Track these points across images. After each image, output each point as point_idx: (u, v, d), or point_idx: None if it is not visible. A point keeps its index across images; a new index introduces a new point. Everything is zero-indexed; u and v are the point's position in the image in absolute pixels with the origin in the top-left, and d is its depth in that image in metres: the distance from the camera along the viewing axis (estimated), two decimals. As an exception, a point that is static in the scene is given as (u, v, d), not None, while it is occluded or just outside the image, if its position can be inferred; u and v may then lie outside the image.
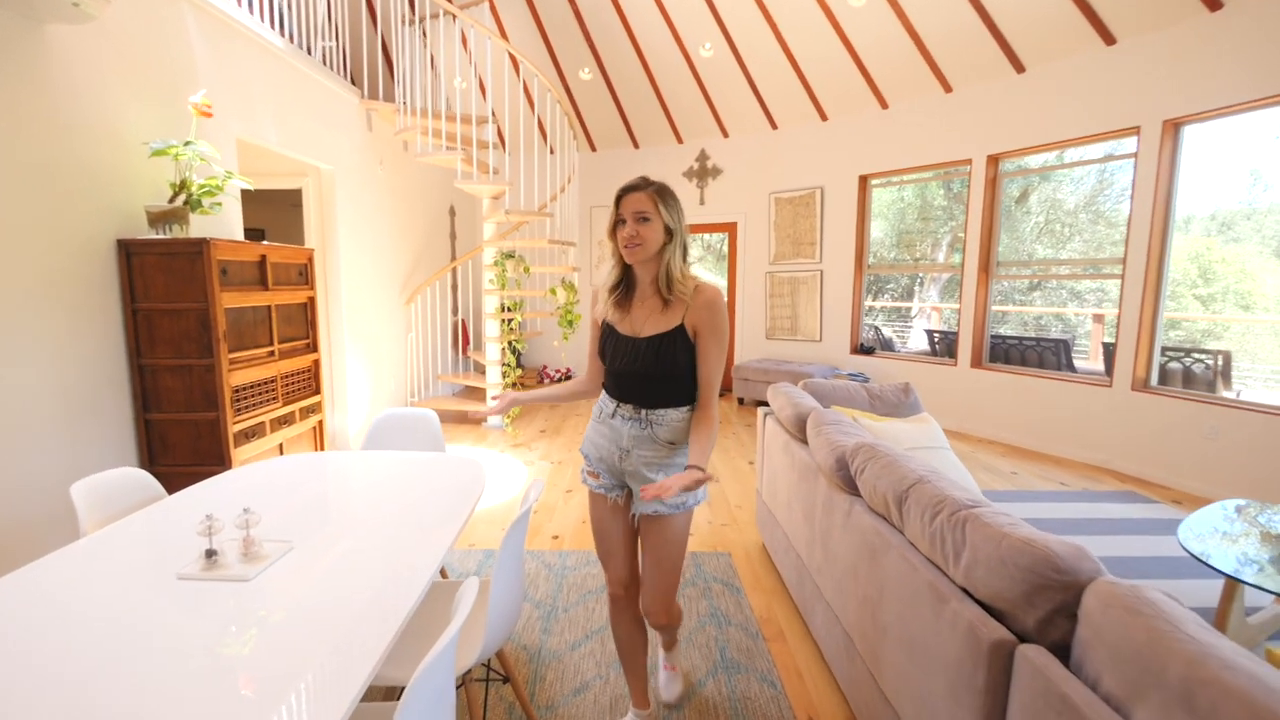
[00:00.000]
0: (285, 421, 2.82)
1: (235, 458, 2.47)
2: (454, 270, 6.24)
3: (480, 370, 5.89)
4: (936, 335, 6.29)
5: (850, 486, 1.83)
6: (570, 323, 4.86)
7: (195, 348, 2.41)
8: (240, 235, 3.09)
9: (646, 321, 1.48)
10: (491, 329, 5.09)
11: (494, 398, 2.14)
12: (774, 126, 6.48)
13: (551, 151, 6.76)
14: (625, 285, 1.53)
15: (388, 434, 2.31)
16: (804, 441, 2.37)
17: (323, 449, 3.15)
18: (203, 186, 2.45)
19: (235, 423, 2.48)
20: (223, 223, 2.95)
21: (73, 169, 2.23)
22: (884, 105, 5.75)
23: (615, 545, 1.62)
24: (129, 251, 2.38)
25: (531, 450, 4.59)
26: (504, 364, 4.93)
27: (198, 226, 2.75)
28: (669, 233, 1.44)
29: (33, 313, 2.12)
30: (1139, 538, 3.30)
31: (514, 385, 4.98)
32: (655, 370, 1.45)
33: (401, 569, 1.29)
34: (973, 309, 5.30)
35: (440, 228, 6.22)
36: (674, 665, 1.92)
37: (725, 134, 6.75)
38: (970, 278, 5.31)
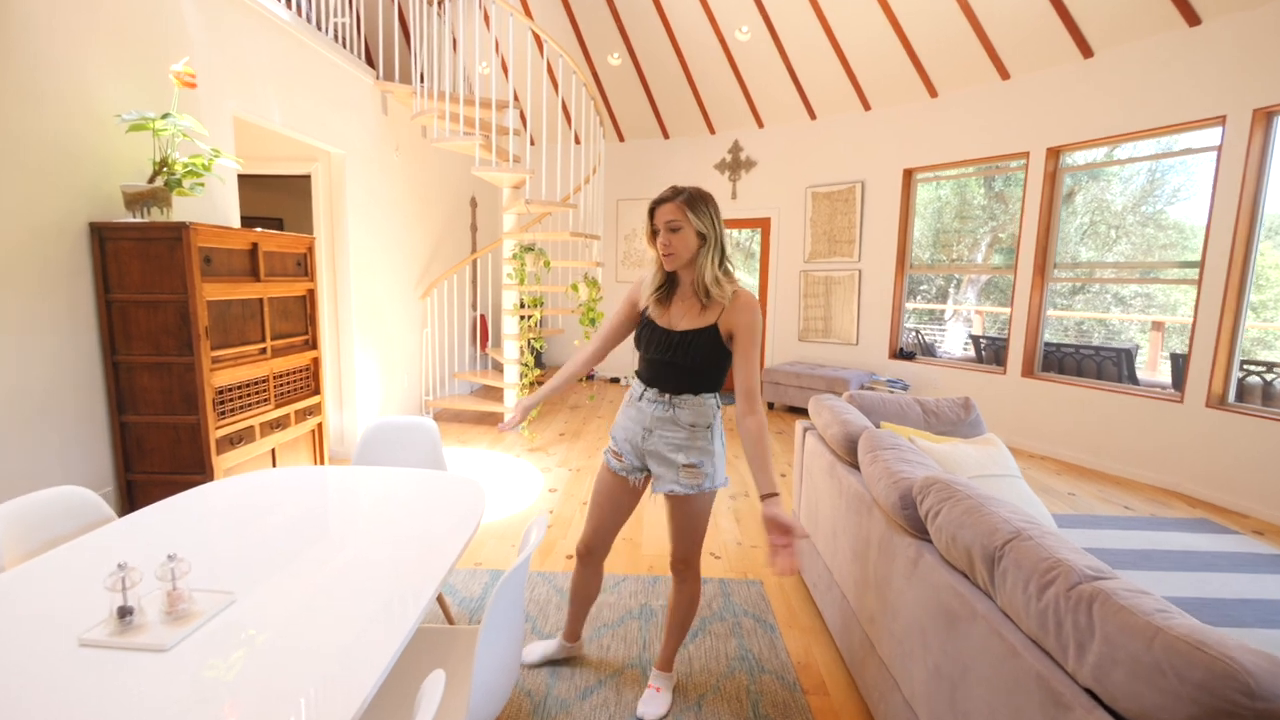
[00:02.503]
0: (278, 425, 2.60)
1: (218, 466, 2.25)
2: (474, 263, 6.02)
3: (498, 369, 5.66)
4: (983, 341, 5.86)
5: (917, 528, 1.51)
6: (592, 321, 4.58)
7: (174, 343, 2.19)
8: (236, 222, 2.88)
9: (683, 317, 1.59)
10: (510, 326, 4.84)
11: (510, 411, 2.02)
12: (812, 117, 6.11)
13: (577, 141, 6.49)
14: (668, 287, 1.63)
15: (380, 446, 2.06)
16: (853, 465, 2.05)
17: (322, 454, 2.93)
18: (186, 165, 2.23)
19: (218, 427, 2.26)
20: (215, 208, 2.74)
21: (41, 144, 2.02)
22: (933, 94, 5.34)
23: (607, 517, 1.78)
24: (102, 236, 2.17)
25: (549, 455, 4.34)
26: (522, 363, 4.68)
27: (185, 210, 2.54)
28: (701, 237, 1.52)
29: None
30: (1218, 575, 2.89)
31: (532, 386, 4.73)
32: (683, 360, 1.55)
33: (365, 633, 1.03)
34: (1025, 314, 4.88)
35: (460, 219, 6.00)
36: (660, 686, 1.82)
37: (760, 124, 6.40)
38: (1024, 280, 4.89)
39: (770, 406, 6.02)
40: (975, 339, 6.18)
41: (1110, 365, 5.02)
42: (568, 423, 5.28)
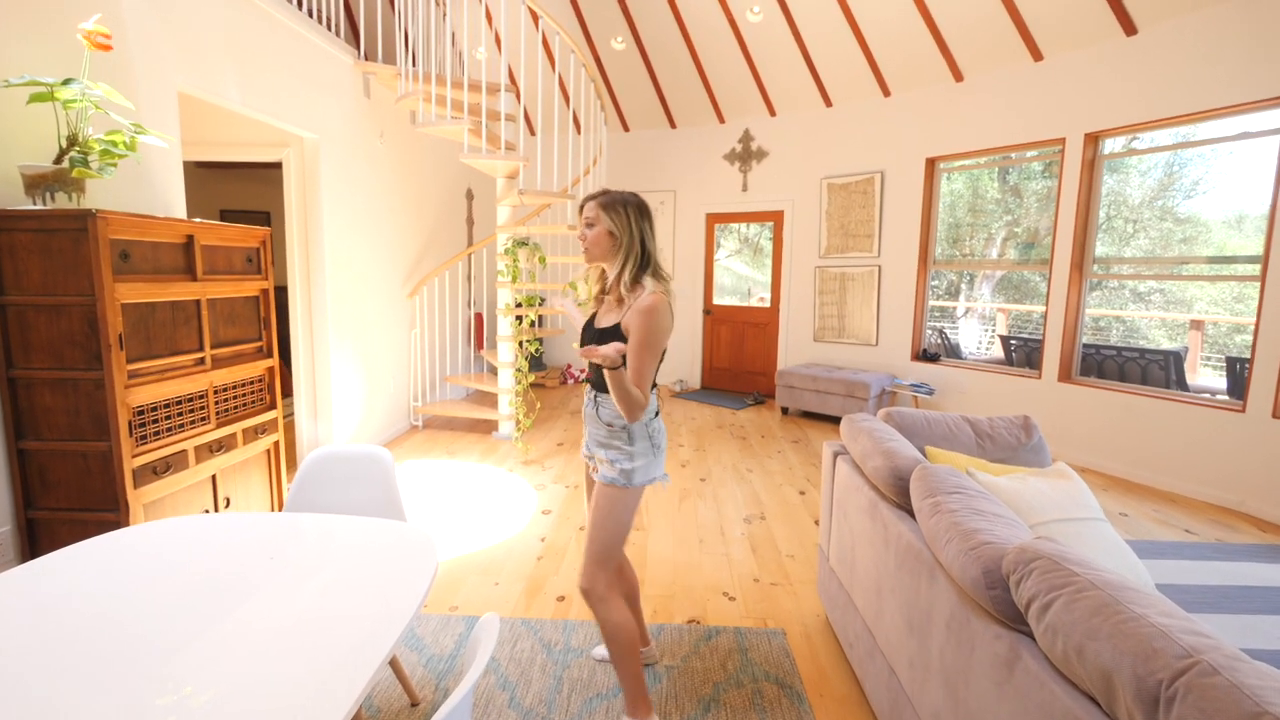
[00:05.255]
0: (221, 446, 2.24)
1: (136, 500, 1.89)
2: (469, 259, 5.65)
3: (494, 372, 5.29)
4: (1014, 342, 5.44)
5: (1009, 615, 1.13)
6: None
7: (81, 355, 1.83)
8: (181, 213, 2.52)
9: (605, 315, 1.66)
10: (504, 326, 4.48)
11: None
12: (828, 103, 5.71)
13: (578, 128, 6.12)
14: (607, 283, 1.67)
15: (322, 483, 1.70)
16: (901, 507, 1.67)
17: (279, 476, 2.57)
18: (101, 143, 1.87)
19: (137, 454, 1.90)
20: (154, 196, 2.38)
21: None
22: (958, 77, 4.93)
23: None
24: (-3, 227, 1.81)
25: (545, 469, 3.97)
26: (516, 368, 4.31)
27: (108, 198, 2.18)
28: (613, 236, 1.57)
29: None
30: (1311, 620, 2.48)
31: (527, 392, 4.36)
32: None
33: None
34: (1062, 313, 4.46)
35: (455, 212, 5.64)
36: (635, 715, 1.63)
37: (773, 112, 5.99)
38: (1059, 277, 4.48)
39: (784, 412, 5.63)
40: (1004, 339, 5.76)
41: (1156, 369, 4.59)
42: (567, 430, 4.90)
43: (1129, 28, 4.03)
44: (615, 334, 1.57)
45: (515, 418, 4.26)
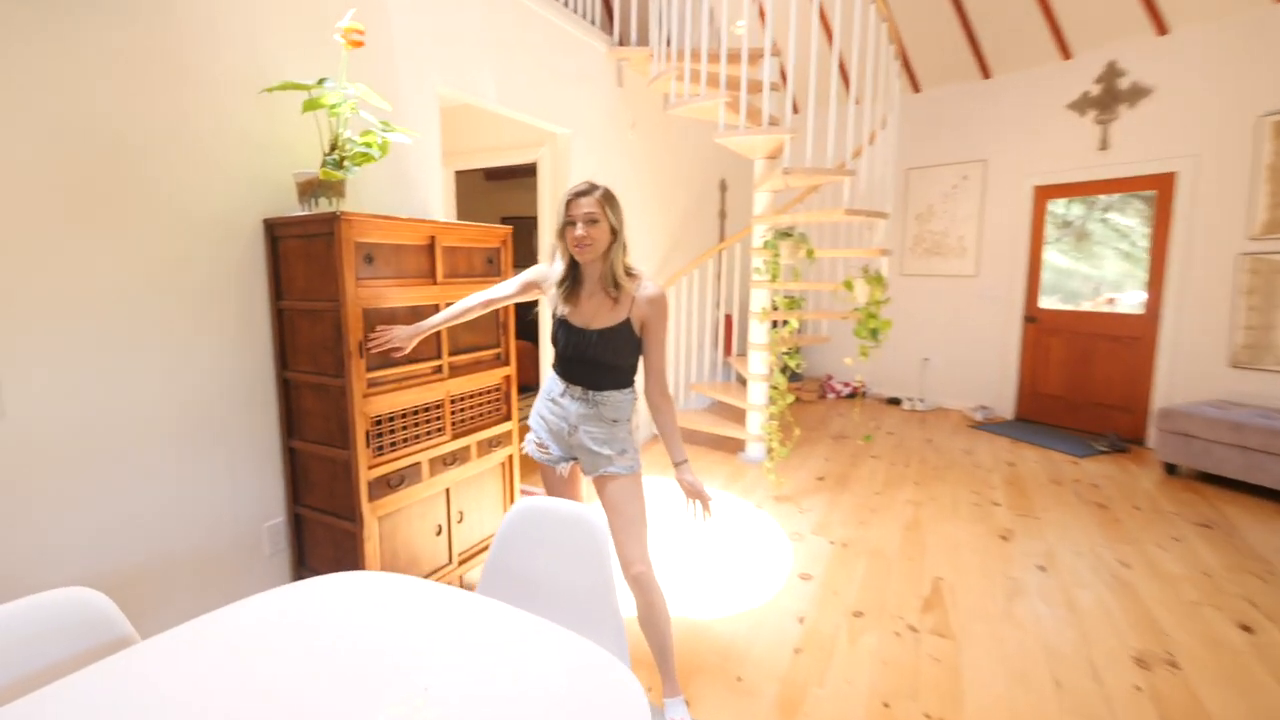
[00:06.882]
0: (455, 459, 2.12)
1: (372, 513, 1.81)
2: (719, 255, 5.22)
3: (742, 384, 4.77)
4: None
5: None
6: (874, 332, 3.31)
7: (331, 361, 1.80)
8: (438, 214, 2.51)
9: (596, 315, 1.61)
10: (757, 332, 3.90)
11: (373, 336, 1.79)
12: (1269, -1, 3.75)
13: (857, 102, 5.21)
14: (573, 280, 1.63)
15: (527, 544, 1.33)
16: None
17: (513, 490, 2.41)
18: (356, 144, 1.82)
19: (374, 465, 1.82)
20: (412, 196, 2.39)
21: (214, 129, 1.77)
22: None
23: None
24: (274, 234, 1.88)
25: (801, 511, 3.26)
26: (772, 385, 3.68)
27: (370, 201, 2.20)
28: (614, 232, 1.55)
29: (158, 309, 1.73)
30: None
31: (782, 413, 3.70)
32: (604, 359, 1.60)
33: None
34: None
35: (706, 205, 5.26)
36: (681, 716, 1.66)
37: (1161, 28, 4.20)
38: None
39: (1170, 471, 3.80)
40: None
41: None
42: (829, 461, 4.10)
43: None
44: (624, 332, 1.59)
45: (768, 443, 3.66)
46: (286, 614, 1.11)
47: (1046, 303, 5.09)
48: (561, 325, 1.65)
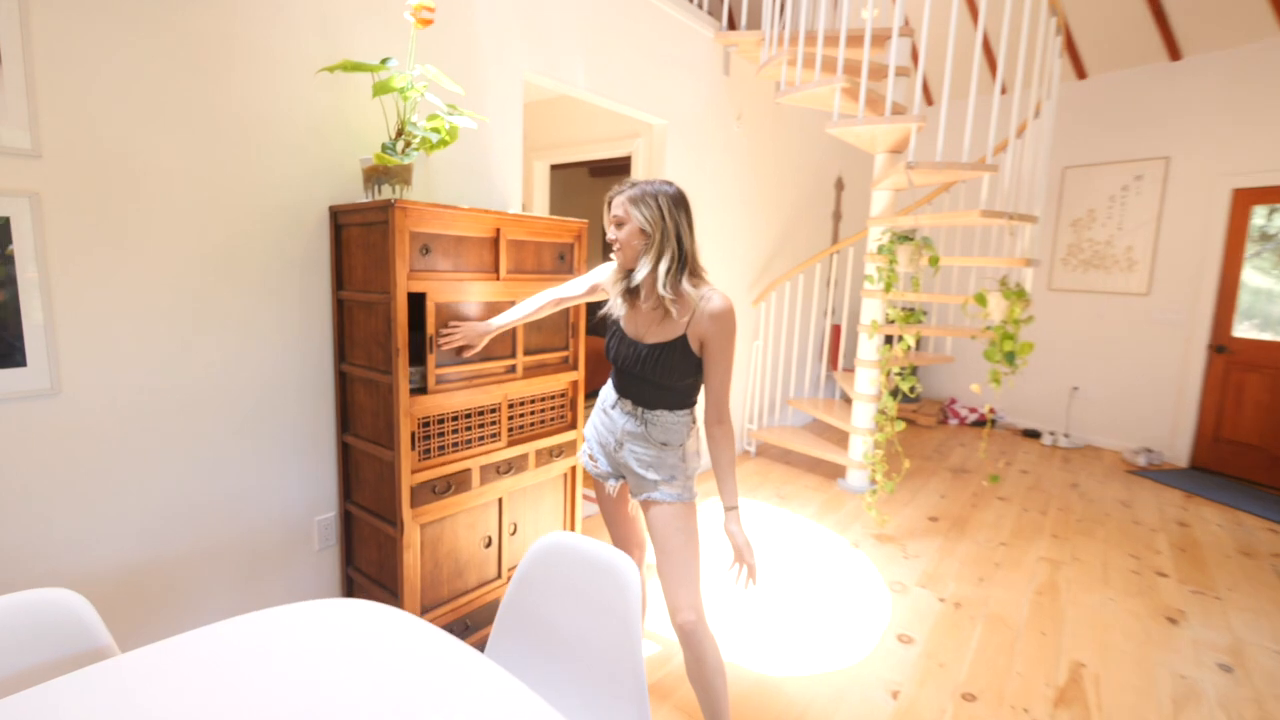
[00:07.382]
0: (511, 468, 1.97)
1: (414, 520, 1.70)
2: (830, 259, 4.77)
3: (847, 402, 4.31)
4: None
5: None
6: (1010, 356, 2.76)
7: (382, 356, 1.71)
8: (516, 206, 2.39)
9: (649, 329, 1.47)
10: (866, 348, 3.46)
11: (446, 330, 1.71)
12: None
13: (1004, 90, 4.55)
14: (629, 283, 1.46)
15: (548, 585, 1.13)
16: None
17: (574, 505, 2.23)
18: (421, 129, 1.72)
19: (418, 470, 1.70)
20: (489, 187, 2.28)
21: (279, 115, 1.74)
22: None
23: (624, 535, 1.66)
24: (338, 222, 1.82)
25: (906, 556, 2.82)
26: (880, 409, 3.22)
27: (440, 191, 2.11)
28: (645, 235, 1.39)
29: (221, 294, 1.74)
30: None
31: (892, 441, 3.24)
32: (653, 377, 1.45)
33: None
34: None
35: (818, 205, 4.82)
36: None
37: None
38: None
39: None
40: None
41: None
42: (946, 498, 3.55)
43: None
44: (679, 349, 1.41)
45: (871, 474, 3.22)
46: (271, 637, 0.98)
47: (1242, 330, 4.13)
48: (615, 333, 1.53)
